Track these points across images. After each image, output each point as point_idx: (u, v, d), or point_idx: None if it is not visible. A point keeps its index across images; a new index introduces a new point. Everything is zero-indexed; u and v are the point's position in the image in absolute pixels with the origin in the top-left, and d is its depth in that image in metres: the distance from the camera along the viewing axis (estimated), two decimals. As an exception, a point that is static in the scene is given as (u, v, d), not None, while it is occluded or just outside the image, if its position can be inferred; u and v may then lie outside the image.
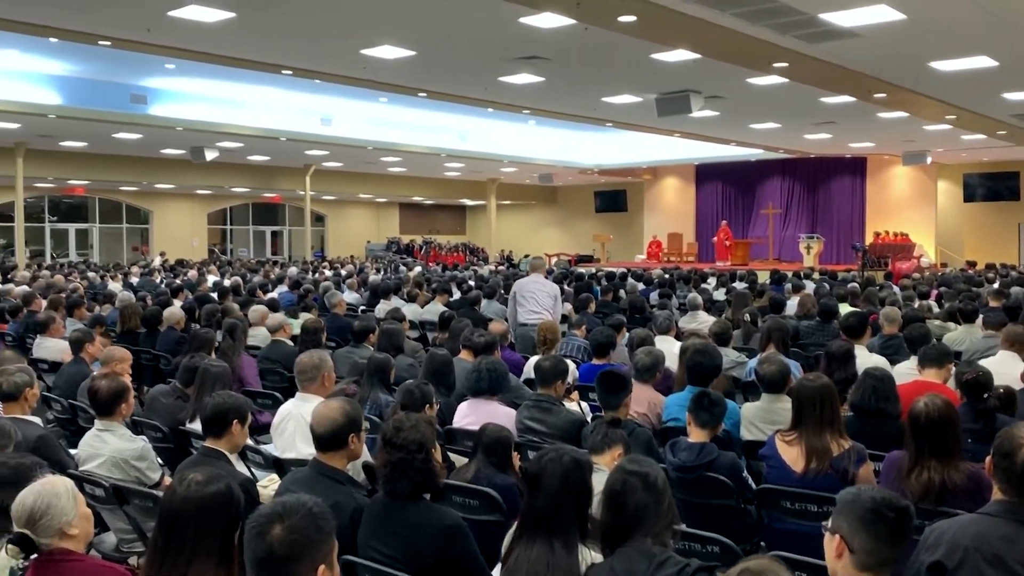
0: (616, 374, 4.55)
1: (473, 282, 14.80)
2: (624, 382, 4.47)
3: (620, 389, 4.42)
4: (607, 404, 4.44)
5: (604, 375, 4.50)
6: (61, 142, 20.86)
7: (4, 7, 9.94)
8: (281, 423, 4.67)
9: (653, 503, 2.56)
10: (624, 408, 4.45)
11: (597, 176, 29.77)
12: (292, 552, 1.99)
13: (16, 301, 10.10)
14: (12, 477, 2.91)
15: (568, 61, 12.68)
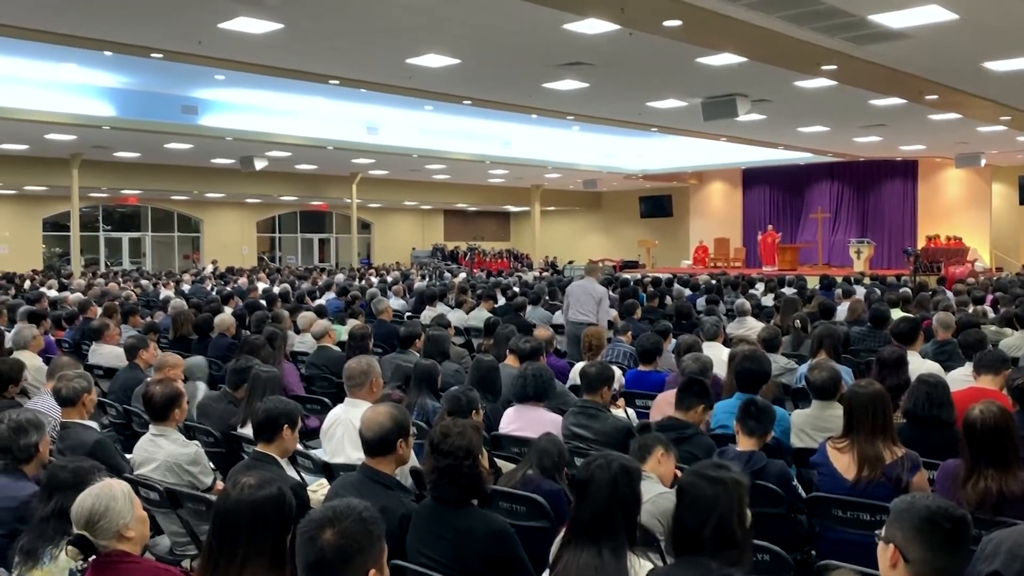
0: (699, 381, 4.61)
1: (517, 288, 14.81)
2: (705, 391, 4.55)
3: (697, 395, 4.48)
4: (680, 404, 4.49)
5: (689, 381, 4.57)
6: (115, 153, 21.35)
7: (64, 23, 10.22)
8: (330, 428, 4.72)
9: (724, 514, 2.47)
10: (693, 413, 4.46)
11: (642, 181, 29.62)
12: (343, 556, 2.01)
13: (72, 308, 10.37)
14: (71, 480, 2.99)
15: (613, 66, 12.65)
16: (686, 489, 2.54)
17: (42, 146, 19.55)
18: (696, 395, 4.49)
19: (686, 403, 4.47)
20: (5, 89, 15.24)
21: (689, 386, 4.55)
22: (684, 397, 4.49)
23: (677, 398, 4.53)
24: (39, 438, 3.51)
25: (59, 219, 27.15)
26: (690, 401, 4.47)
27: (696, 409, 4.49)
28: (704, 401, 4.53)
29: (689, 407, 4.47)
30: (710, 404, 4.66)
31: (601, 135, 23.24)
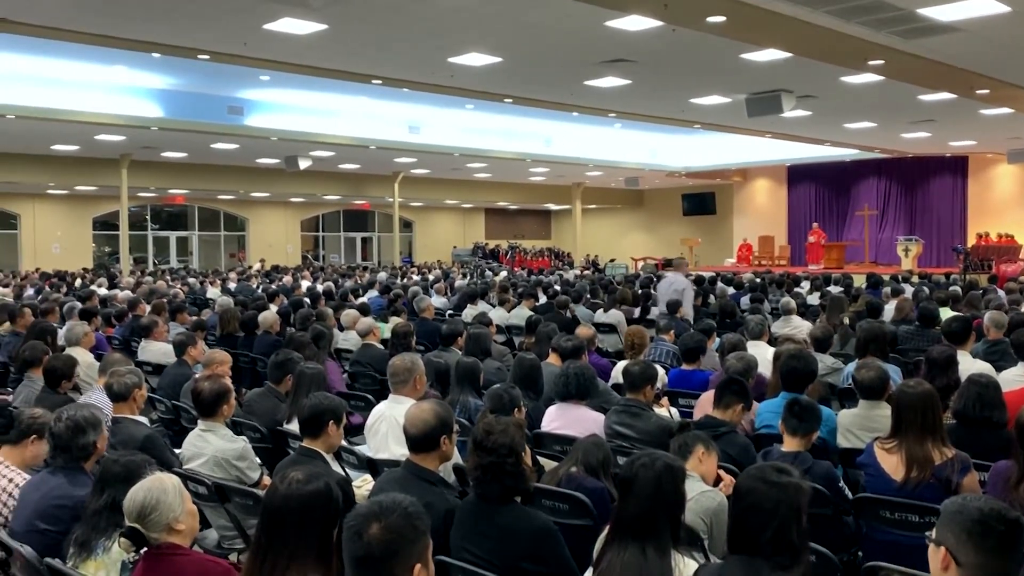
0: (738, 380, 4.58)
1: (559, 286, 14.79)
2: (743, 390, 4.51)
3: (736, 394, 4.45)
4: (719, 401, 4.46)
5: (728, 380, 4.56)
6: (163, 153, 21.74)
7: (113, 26, 10.43)
8: (374, 424, 4.77)
9: (783, 518, 2.41)
10: (731, 412, 4.44)
11: (685, 178, 29.40)
12: (389, 551, 2.03)
13: (122, 306, 10.59)
14: (123, 474, 3.06)
15: (655, 63, 12.58)
16: (746, 492, 2.51)
17: (92, 147, 19.98)
18: (734, 394, 4.46)
19: (724, 401, 4.45)
20: (57, 91, 15.59)
21: (728, 385, 4.53)
22: (722, 396, 4.47)
23: (716, 396, 4.51)
24: (96, 437, 3.58)
25: (109, 218, 27.74)
26: (728, 400, 4.45)
27: (734, 408, 4.46)
28: (742, 401, 4.49)
29: (728, 406, 4.45)
30: (748, 404, 4.62)
31: (643, 132, 23.12)
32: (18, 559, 3.21)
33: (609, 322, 9.87)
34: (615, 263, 30.88)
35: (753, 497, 2.46)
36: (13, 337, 8.29)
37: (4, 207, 26.91)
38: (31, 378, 6.03)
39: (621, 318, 9.97)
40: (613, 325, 9.77)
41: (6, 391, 6.95)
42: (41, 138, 18.74)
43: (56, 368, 5.50)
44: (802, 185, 28.99)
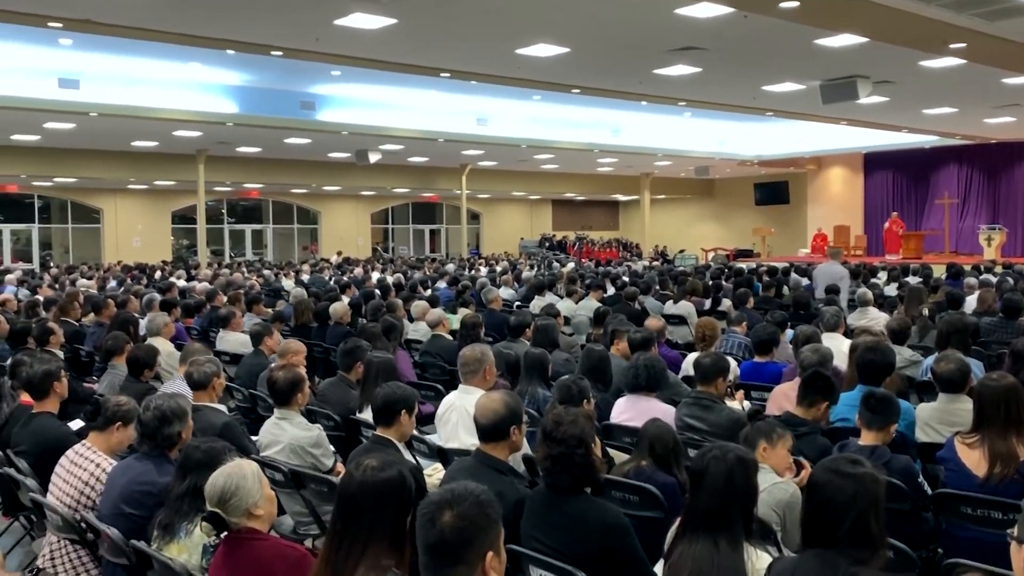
0: (824, 376, 4.45)
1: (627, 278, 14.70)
2: (830, 387, 4.38)
3: (821, 392, 4.33)
4: (801, 400, 4.34)
5: (813, 375, 4.41)
6: (238, 148, 22.27)
7: (190, 24, 10.71)
8: (445, 414, 4.82)
9: (860, 510, 2.38)
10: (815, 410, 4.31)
11: (757, 167, 28.88)
12: (461, 538, 2.05)
13: (200, 297, 10.90)
14: (205, 460, 3.15)
15: (726, 50, 12.38)
16: (820, 485, 2.47)
17: (170, 143, 20.57)
18: (819, 391, 4.31)
19: (808, 399, 4.31)
20: (137, 90, 16.09)
21: (813, 381, 4.37)
22: (807, 393, 4.32)
23: (799, 393, 4.38)
24: (181, 427, 3.69)
25: (186, 212, 28.52)
26: (812, 398, 4.30)
27: (819, 406, 4.33)
28: (828, 398, 4.37)
29: (811, 403, 4.31)
30: (834, 400, 4.51)
31: (714, 120, 22.78)
32: (106, 540, 3.35)
33: (679, 313, 9.78)
34: (684, 254, 30.53)
35: (828, 490, 2.43)
36: (97, 328, 8.61)
37: (88, 202, 27.91)
38: (115, 366, 6.26)
39: (691, 309, 9.87)
40: (683, 317, 9.67)
41: (91, 379, 7.23)
42: (122, 135, 19.38)
43: (139, 357, 5.70)
44: (879, 173, 28.21)
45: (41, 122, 17.15)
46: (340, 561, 2.34)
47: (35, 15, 10.04)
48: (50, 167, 22.14)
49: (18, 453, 4.39)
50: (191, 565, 3.01)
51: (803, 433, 4.16)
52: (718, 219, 34.76)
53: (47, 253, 28.12)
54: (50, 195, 27.56)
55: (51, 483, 3.90)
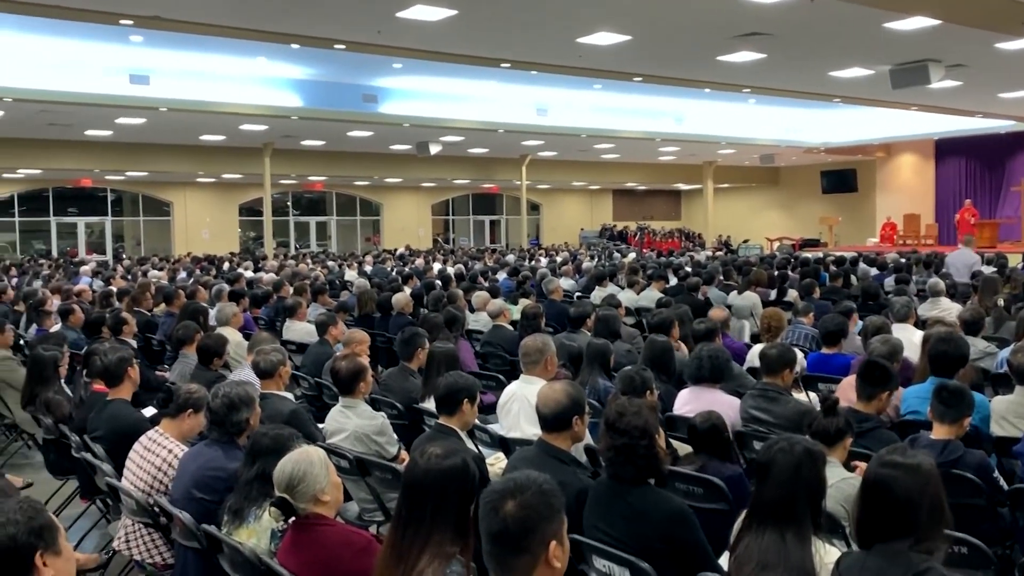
0: (879, 364, 4.30)
1: (690, 268, 14.54)
2: (887, 375, 4.21)
3: (880, 382, 4.17)
4: (861, 393, 4.20)
5: (868, 364, 4.28)
6: (302, 141, 22.61)
7: (255, 19, 10.90)
8: (506, 403, 4.83)
9: (918, 501, 2.35)
10: (876, 402, 4.19)
11: (824, 155, 28.26)
12: (525, 527, 2.05)
13: (267, 288, 11.11)
14: (273, 446, 3.21)
15: (792, 36, 12.13)
16: (876, 479, 2.42)
17: (237, 137, 20.99)
18: (876, 382, 4.17)
19: (866, 393, 4.18)
20: (204, 85, 16.45)
21: (869, 372, 4.21)
22: (863, 386, 4.19)
23: (857, 387, 4.26)
24: (249, 414, 3.78)
25: (253, 205, 29.11)
26: (870, 391, 4.17)
27: (879, 397, 4.20)
28: (887, 387, 4.22)
29: (870, 397, 4.18)
30: (894, 386, 4.36)
31: (779, 107, 22.37)
32: (178, 524, 3.43)
33: (743, 304, 9.63)
34: (749, 243, 30.06)
35: (884, 484, 2.39)
36: (168, 317, 8.84)
37: (158, 195, 28.68)
38: (185, 355, 6.43)
39: (756, 300, 9.71)
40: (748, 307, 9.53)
41: (163, 368, 7.43)
42: (190, 129, 19.84)
43: (209, 346, 5.83)
44: (951, 160, 27.36)
45: (113, 117, 17.66)
46: (405, 548, 2.36)
47: (107, 13, 10.32)
48: (122, 161, 22.78)
49: (94, 439, 4.54)
50: (260, 549, 3.07)
51: (867, 429, 4.06)
52: (783, 208, 34.12)
53: (119, 245, 29.01)
54: (122, 189, 28.41)
55: (125, 468, 4.02)
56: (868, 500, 2.44)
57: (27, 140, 20.79)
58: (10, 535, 2.07)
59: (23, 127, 18.82)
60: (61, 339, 6.57)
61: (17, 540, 2.07)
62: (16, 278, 15.96)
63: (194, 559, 3.38)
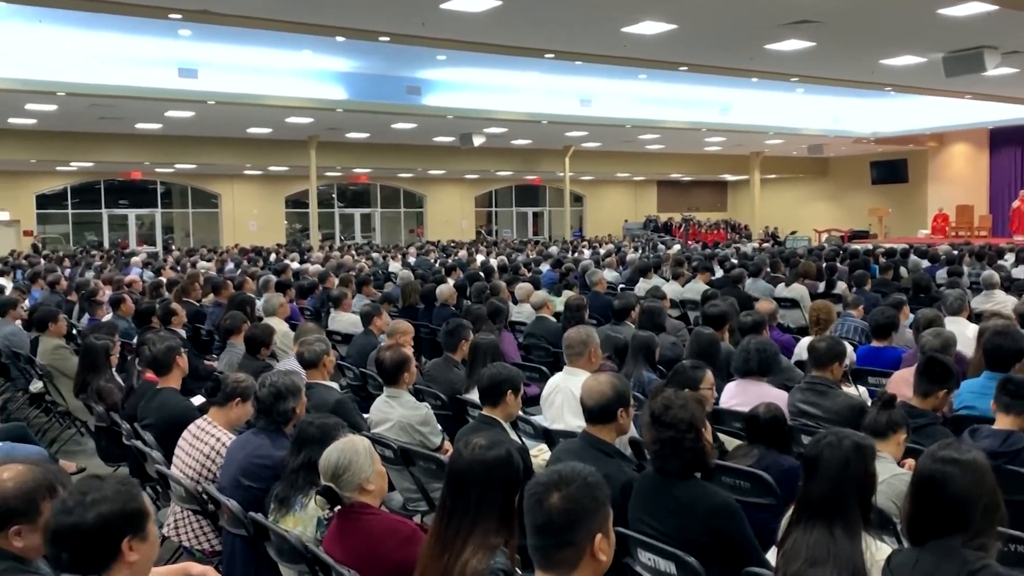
0: (941, 362, 4.18)
1: (736, 260, 14.37)
2: (948, 373, 4.10)
3: (940, 379, 4.06)
4: (918, 389, 4.10)
5: (929, 360, 4.18)
6: (347, 134, 22.78)
7: (301, 12, 10.99)
8: (550, 395, 4.81)
9: (972, 497, 2.30)
10: (932, 399, 4.09)
11: (873, 145, 27.74)
12: (570, 519, 2.03)
13: (313, 279, 11.22)
14: (318, 435, 3.24)
15: (842, 23, 11.91)
16: (929, 475, 2.37)
17: (283, 129, 21.21)
18: (936, 379, 4.06)
19: (923, 388, 4.07)
20: (251, 78, 16.64)
21: (929, 368, 4.12)
22: (922, 382, 4.09)
23: (915, 383, 4.16)
24: (296, 403, 3.81)
25: (299, 197, 29.44)
26: (928, 387, 4.06)
27: (937, 395, 4.10)
28: (947, 385, 4.12)
29: (927, 393, 4.07)
30: (954, 384, 4.27)
31: (828, 97, 22.00)
32: (225, 512, 3.48)
33: (791, 296, 9.49)
34: (796, 235, 29.64)
35: (936, 479, 2.34)
36: (216, 308, 8.97)
37: (206, 187, 29.13)
38: (233, 345, 6.51)
39: (804, 292, 9.56)
40: (795, 300, 9.39)
41: (211, 357, 7.54)
42: (238, 122, 20.10)
43: (256, 336, 5.90)
44: (1006, 149, 26.69)
45: (162, 111, 17.96)
46: (450, 538, 2.37)
47: (157, 7, 10.48)
48: (171, 154, 23.18)
49: (145, 426, 4.62)
50: (306, 537, 3.10)
51: (922, 425, 3.97)
52: (832, 199, 33.56)
53: (169, 236, 29.54)
54: (171, 181, 28.90)
55: (175, 455, 4.09)
56: (920, 496, 2.39)
57: (79, 134, 21.26)
58: (102, 516, 2.11)
59: (75, 121, 19.23)
60: (112, 328, 6.70)
61: (109, 522, 2.11)
62: (69, 269, 16.31)
63: (241, 546, 3.42)
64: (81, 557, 2.11)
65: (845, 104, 23.49)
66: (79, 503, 2.12)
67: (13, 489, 2.43)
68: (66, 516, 2.11)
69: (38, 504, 2.45)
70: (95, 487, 2.17)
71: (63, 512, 2.13)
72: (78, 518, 2.11)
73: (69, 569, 2.12)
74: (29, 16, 12.40)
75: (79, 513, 2.11)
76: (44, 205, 27.15)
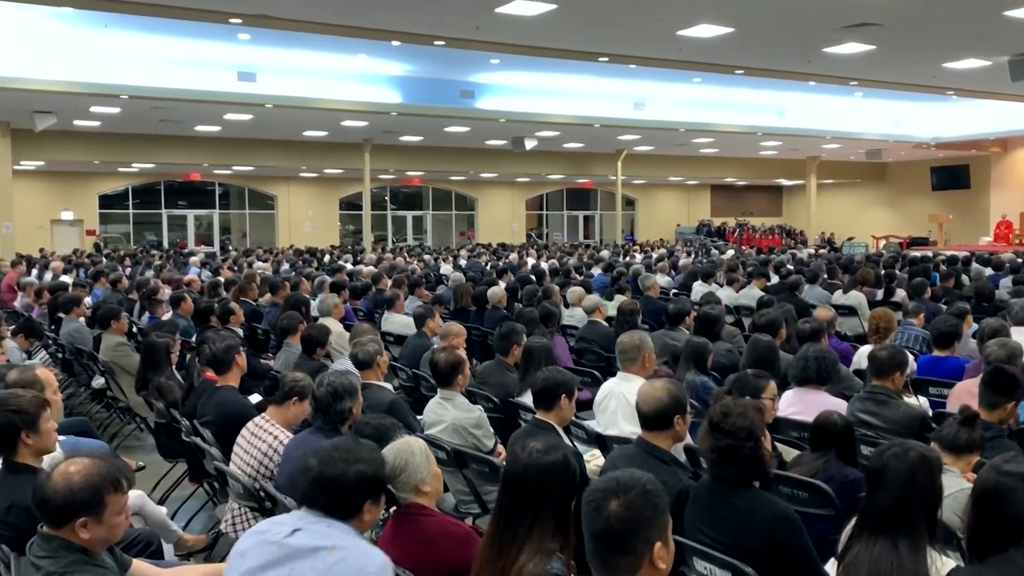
0: (1008, 373, 4.03)
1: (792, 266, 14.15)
2: (1015, 384, 3.95)
3: (1008, 390, 3.92)
4: (984, 401, 3.97)
5: (995, 371, 4.04)
6: (401, 137, 22.97)
7: (358, 16, 11.13)
8: (603, 401, 4.78)
9: None
10: (999, 412, 3.96)
11: (934, 150, 27.13)
12: (629, 527, 2.01)
13: (366, 280, 11.32)
14: (374, 436, 3.25)
15: (904, 25, 11.67)
16: (991, 488, 2.32)
17: (338, 132, 21.47)
18: (1003, 390, 3.91)
19: (990, 400, 3.92)
20: (308, 82, 16.88)
21: (995, 379, 3.96)
22: (988, 393, 3.94)
23: (980, 394, 4.03)
24: (352, 403, 3.85)
25: (353, 199, 29.75)
26: (995, 399, 3.92)
27: (1004, 407, 3.96)
28: (1013, 397, 3.99)
29: (994, 405, 3.92)
30: (1021, 397, 4.13)
31: (888, 101, 21.59)
32: (282, 510, 3.51)
33: (849, 304, 9.31)
34: (853, 241, 29.09)
35: (998, 493, 2.29)
36: (273, 308, 9.11)
37: (263, 189, 29.61)
38: (289, 344, 6.60)
39: (862, 300, 9.37)
40: (853, 307, 9.21)
41: (267, 356, 7.65)
42: (294, 125, 20.40)
43: (312, 336, 5.98)
44: (1075, 155, 25.89)
45: (221, 114, 18.31)
46: (506, 542, 2.36)
47: (218, 12, 10.69)
48: (229, 156, 23.62)
49: (204, 423, 4.70)
50: (361, 537, 3.11)
51: (988, 437, 3.84)
52: (890, 205, 32.87)
53: (226, 237, 30.09)
54: (229, 182, 29.44)
55: (233, 453, 4.15)
56: (982, 509, 2.34)
57: (141, 136, 21.77)
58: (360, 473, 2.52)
59: (137, 123, 19.71)
60: (173, 327, 6.84)
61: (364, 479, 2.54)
62: (129, 268, 16.70)
63: (297, 543, 3.45)
64: None
65: (905, 108, 23.02)
66: (343, 458, 2.51)
67: (80, 482, 2.50)
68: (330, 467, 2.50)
69: (103, 497, 2.51)
70: (353, 448, 2.59)
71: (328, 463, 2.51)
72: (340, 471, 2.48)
73: None
74: (95, 21, 12.75)
75: (342, 467, 2.49)
76: (106, 205, 27.88)
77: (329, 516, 2.47)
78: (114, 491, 2.54)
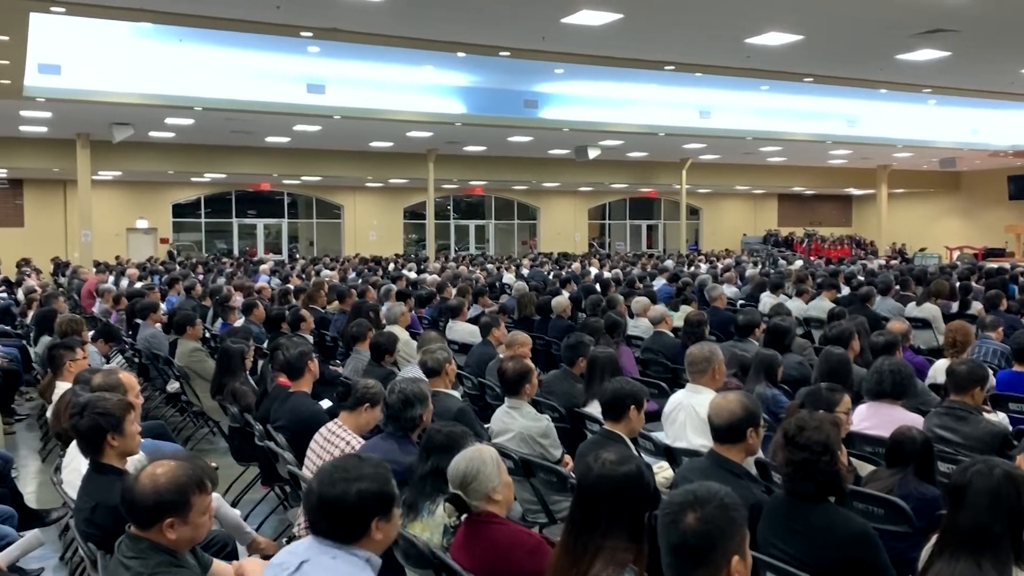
0: None
1: (863, 277, 13.83)
2: None
3: None
4: None
5: None
6: (464, 147, 23.15)
7: (425, 29, 11.26)
8: (672, 412, 4.74)
9: None
10: None
11: (1012, 159, 26.25)
12: (706, 541, 2.00)
13: (431, 289, 11.43)
14: (445, 443, 3.29)
15: (981, 31, 11.35)
16: None
17: (404, 143, 21.73)
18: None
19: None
20: (375, 93, 17.14)
21: None
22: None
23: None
24: (423, 410, 3.90)
25: (416, 208, 30.08)
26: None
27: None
28: None
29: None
30: None
31: (963, 108, 21.01)
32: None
33: (923, 316, 9.08)
34: (925, 252, 28.33)
35: None
36: (340, 315, 9.25)
37: (330, 198, 30.12)
38: (358, 351, 6.70)
39: (936, 312, 9.12)
40: (927, 320, 8.97)
41: (335, 363, 7.78)
42: (361, 136, 20.72)
43: (380, 343, 6.06)
44: None
45: (291, 125, 18.69)
46: (579, 552, 2.36)
47: (289, 25, 10.93)
48: (298, 166, 24.10)
49: (277, 428, 4.80)
50: (433, 543, 3.14)
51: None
52: (964, 215, 31.94)
53: (294, 245, 30.68)
54: (297, 192, 30.03)
55: (306, 457, 4.23)
56: None
57: (213, 147, 22.36)
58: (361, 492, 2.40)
59: (210, 135, 20.24)
60: (248, 333, 7.02)
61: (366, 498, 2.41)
62: (202, 275, 17.14)
63: (368, 549, 3.50)
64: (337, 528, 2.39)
65: (981, 115, 22.36)
66: (343, 478, 2.39)
67: (166, 483, 2.58)
68: (330, 488, 2.38)
69: (189, 498, 2.59)
70: (355, 466, 2.46)
71: (328, 484, 2.39)
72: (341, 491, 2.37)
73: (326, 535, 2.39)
74: (171, 35, 13.15)
75: (342, 487, 2.37)
76: (179, 214, 28.68)
77: (336, 541, 2.38)
78: (199, 492, 2.62)
